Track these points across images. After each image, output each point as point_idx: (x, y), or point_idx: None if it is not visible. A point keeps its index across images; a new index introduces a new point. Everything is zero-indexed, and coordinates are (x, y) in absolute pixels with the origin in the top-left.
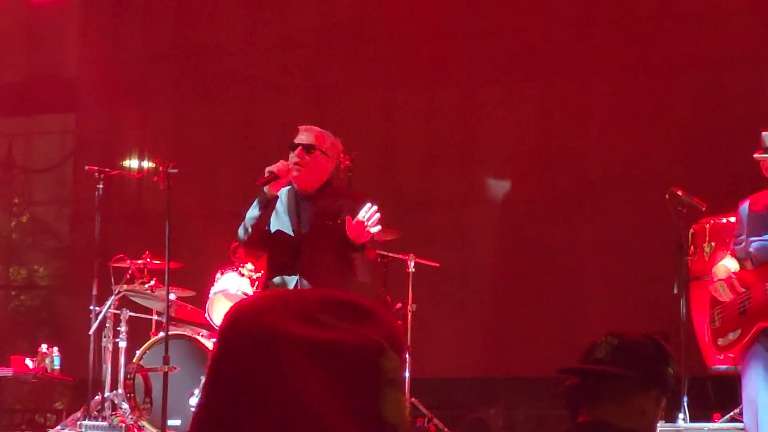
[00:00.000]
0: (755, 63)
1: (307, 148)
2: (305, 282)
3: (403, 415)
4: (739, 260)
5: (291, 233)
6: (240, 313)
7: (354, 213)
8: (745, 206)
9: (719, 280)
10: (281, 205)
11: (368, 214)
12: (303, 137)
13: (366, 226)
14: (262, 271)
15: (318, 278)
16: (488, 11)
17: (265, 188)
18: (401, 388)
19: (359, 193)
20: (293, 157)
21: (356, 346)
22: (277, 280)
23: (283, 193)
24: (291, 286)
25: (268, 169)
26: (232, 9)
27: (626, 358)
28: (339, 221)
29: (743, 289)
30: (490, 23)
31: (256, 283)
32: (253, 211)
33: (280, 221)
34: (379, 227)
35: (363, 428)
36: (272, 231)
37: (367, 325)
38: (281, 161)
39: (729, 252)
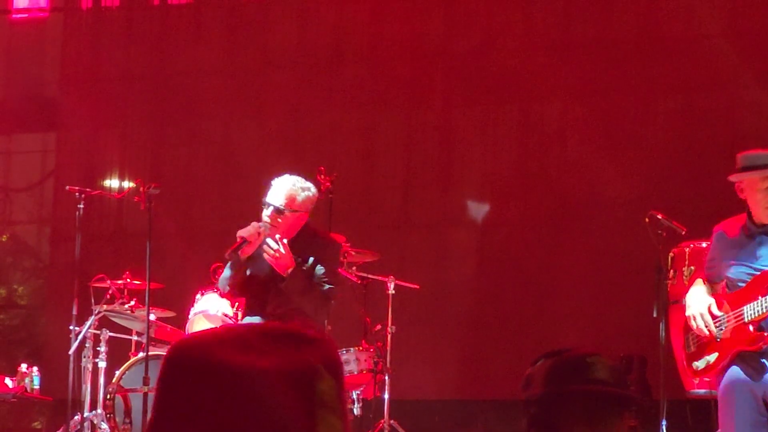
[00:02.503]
0: (730, 85)
1: (278, 211)
2: (278, 318)
3: None
4: (712, 284)
5: (267, 279)
6: (183, 344)
7: (321, 256)
8: (719, 230)
9: (696, 314)
10: (258, 251)
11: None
12: (274, 197)
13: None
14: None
15: (290, 318)
16: (467, 33)
17: (240, 252)
18: (336, 411)
19: (329, 237)
20: (266, 217)
21: (291, 370)
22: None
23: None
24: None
25: (239, 233)
26: (211, 30)
27: (621, 379)
28: (308, 266)
29: (719, 314)
30: (468, 45)
31: (236, 304)
32: (228, 272)
33: (257, 267)
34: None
35: None
36: (248, 274)
37: (304, 350)
38: (252, 225)
39: (701, 276)
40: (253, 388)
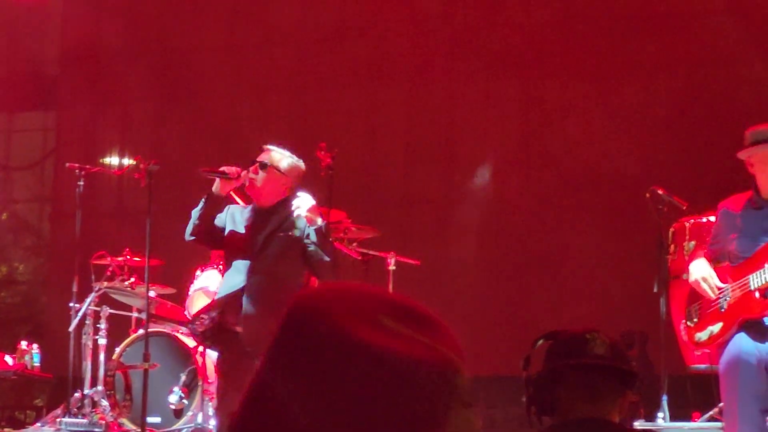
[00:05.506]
0: (733, 63)
1: (262, 165)
2: (254, 281)
3: None
4: (715, 262)
5: (245, 239)
6: (305, 307)
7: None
8: (724, 207)
9: (702, 277)
10: (240, 216)
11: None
12: (261, 156)
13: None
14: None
15: (266, 281)
16: (468, 10)
17: (215, 186)
18: (471, 406)
19: None
20: (251, 171)
21: (432, 362)
22: (228, 278)
23: (247, 209)
24: (242, 283)
25: (222, 168)
26: (213, 6)
27: (621, 355)
28: (290, 233)
29: (723, 285)
30: (470, 22)
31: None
32: (197, 210)
33: (237, 227)
34: (303, 213)
35: None
36: (225, 233)
37: (433, 337)
38: (235, 166)
39: (703, 253)
40: (385, 373)
